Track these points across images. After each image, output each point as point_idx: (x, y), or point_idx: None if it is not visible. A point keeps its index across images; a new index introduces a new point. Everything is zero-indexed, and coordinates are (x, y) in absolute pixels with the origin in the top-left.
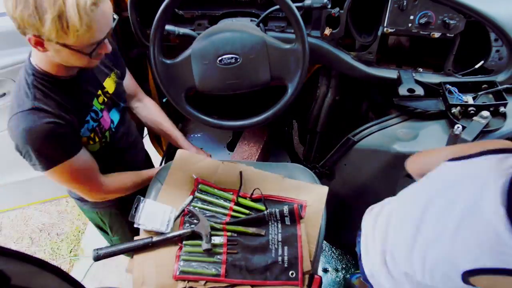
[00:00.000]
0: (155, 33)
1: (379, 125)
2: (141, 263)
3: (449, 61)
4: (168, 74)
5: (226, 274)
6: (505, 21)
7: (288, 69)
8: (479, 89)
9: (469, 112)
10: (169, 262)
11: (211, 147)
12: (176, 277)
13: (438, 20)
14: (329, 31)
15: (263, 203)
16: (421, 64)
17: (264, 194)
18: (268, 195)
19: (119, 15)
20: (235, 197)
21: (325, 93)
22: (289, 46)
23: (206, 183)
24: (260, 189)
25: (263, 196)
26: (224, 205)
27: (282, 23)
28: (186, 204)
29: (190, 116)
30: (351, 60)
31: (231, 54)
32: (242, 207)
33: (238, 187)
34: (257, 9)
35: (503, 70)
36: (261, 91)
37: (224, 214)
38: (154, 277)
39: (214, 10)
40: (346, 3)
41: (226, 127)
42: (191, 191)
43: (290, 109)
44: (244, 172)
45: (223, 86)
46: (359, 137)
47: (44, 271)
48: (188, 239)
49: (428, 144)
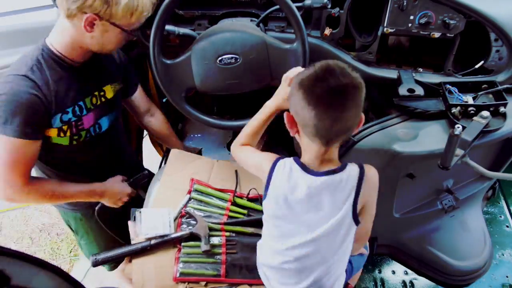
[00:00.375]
0: (155, 33)
1: (379, 125)
2: (140, 266)
3: (449, 61)
4: (168, 74)
5: (226, 274)
6: (505, 21)
7: (288, 69)
8: (479, 89)
9: (469, 112)
10: (168, 264)
11: (211, 147)
12: (176, 279)
13: (438, 20)
14: (329, 31)
15: (260, 203)
16: (421, 64)
17: (261, 193)
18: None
19: None
20: (232, 197)
21: None
22: (289, 46)
23: (202, 183)
24: (257, 189)
25: (260, 196)
26: (221, 205)
27: (282, 23)
28: (183, 204)
29: (190, 116)
30: (351, 60)
31: (231, 54)
32: (239, 207)
33: (234, 186)
34: (257, 9)
35: (503, 70)
36: (261, 91)
37: (221, 215)
38: (154, 279)
39: (214, 10)
40: (346, 3)
41: (226, 127)
42: (187, 191)
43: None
44: (240, 171)
45: (223, 86)
46: (359, 137)
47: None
48: (187, 240)
49: (428, 144)
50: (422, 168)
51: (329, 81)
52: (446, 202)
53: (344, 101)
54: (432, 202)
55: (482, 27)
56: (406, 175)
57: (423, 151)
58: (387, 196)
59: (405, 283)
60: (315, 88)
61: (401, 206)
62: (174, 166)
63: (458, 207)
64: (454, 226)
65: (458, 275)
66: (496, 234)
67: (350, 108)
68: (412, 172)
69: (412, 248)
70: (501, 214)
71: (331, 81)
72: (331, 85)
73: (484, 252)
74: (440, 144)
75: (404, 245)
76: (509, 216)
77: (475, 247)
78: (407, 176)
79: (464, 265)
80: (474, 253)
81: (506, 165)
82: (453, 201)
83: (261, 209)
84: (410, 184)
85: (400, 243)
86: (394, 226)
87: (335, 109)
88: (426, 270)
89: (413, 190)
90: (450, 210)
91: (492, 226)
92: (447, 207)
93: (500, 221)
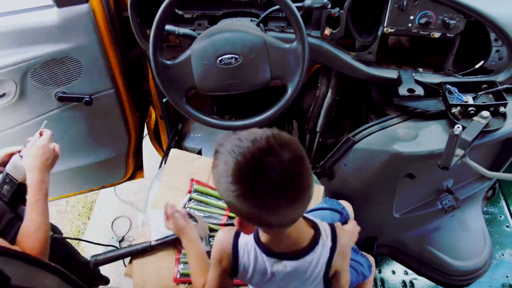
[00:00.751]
0: (155, 33)
1: (379, 125)
2: (141, 267)
3: (449, 61)
4: (168, 75)
5: None
6: (505, 21)
7: (288, 69)
8: (479, 89)
9: (469, 112)
10: (169, 265)
11: (211, 147)
12: (176, 280)
13: (438, 20)
14: (329, 31)
15: None
16: (421, 64)
17: None
18: None
19: (119, 15)
20: None
21: (325, 93)
22: (289, 45)
23: (201, 184)
24: None
25: None
26: (221, 205)
27: (282, 23)
28: (183, 204)
29: (190, 116)
30: (351, 60)
31: (231, 54)
32: None
33: None
34: (257, 9)
35: (503, 70)
36: (261, 91)
37: (222, 215)
38: (154, 280)
39: (214, 10)
40: (346, 3)
41: (226, 127)
42: (187, 191)
43: (290, 109)
44: None
45: (223, 86)
46: (359, 137)
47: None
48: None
49: (428, 144)
50: (422, 168)
51: (268, 164)
52: (446, 202)
53: (290, 183)
54: (432, 202)
55: (482, 27)
56: (406, 175)
57: (423, 151)
58: (387, 196)
59: (405, 283)
60: (251, 179)
61: (401, 206)
62: (174, 166)
63: (458, 207)
64: (454, 226)
65: (458, 275)
66: (496, 234)
67: (299, 191)
68: (412, 172)
69: (412, 248)
70: (501, 214)
71: (270, 163)
72: (272, 170)
73: (484, 252)
74: (440, 144)
75: (404, 245)
76: (509, 216)
77: (475, 247)
78: (407, 176)
79: (464, 265)
80: (474, 253)
81: (506, 165)
82: (453, 201)
83: None
84: (410, 184)
85: (400, 243)
86: (394, 226)
87: (281, 197)
88: (426, 270)
89: (413, 190)
90: (450, 210)
91: (492, 226)
92: (447, 207)
93: (500, 221)
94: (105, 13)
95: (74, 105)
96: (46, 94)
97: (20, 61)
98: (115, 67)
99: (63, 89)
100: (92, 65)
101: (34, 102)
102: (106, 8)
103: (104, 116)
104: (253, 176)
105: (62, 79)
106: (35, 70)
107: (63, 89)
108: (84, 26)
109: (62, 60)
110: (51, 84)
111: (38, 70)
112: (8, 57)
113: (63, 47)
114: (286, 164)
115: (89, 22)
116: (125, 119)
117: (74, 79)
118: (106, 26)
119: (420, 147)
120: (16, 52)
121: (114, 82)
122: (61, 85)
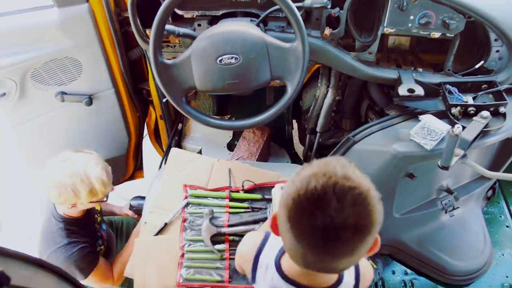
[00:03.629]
0: (155, 33)
1: (379, 125)
2: (142, 266)
3: (449, 61)
4: (168, 75)
5: (230, 279)
6: (505, 21)
7: (288, 68)
8: (479, 89)
9: (469, 112)
10: (171, 264)
11: (211, 147)
12: (179, 284)
13: (438, 20)
14: (329, 31)
15: (258, 192)
16: (421, 64)
17: (258, 183)
18: (261, 183)
19: (119, 15)
20: (228, 193)
21: (325, 93)
22: (289, 45)
23: (195, 187)
24: (249, 180)
25: (256, 185)
26: (220, 204)
27: (282, 23)
28: (180, 208)
29: (190, 116)
30: (351, 60)
31: (231, 54)
32: (237, 202)
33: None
34: (257, 9)
35: (503, 70)
36: (261, 91)
37: (222, 213)
38: (156, 279)
39: (214, 10)
40: (346, 3)
41: (226, 127)
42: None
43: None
44: (237, 169)
45: (223, 86)
46: (359, 137)
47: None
48: (190, 244)
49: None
50: (422, 168)
51: (317, 217)
52: (446, 202)
53: (335, 247)
54: (432, 202)
55: (482, 27)
56: (406, 175)
57: (423, 151)
58: (387, 196)
59: (405, 283)
60: (299, 218)
61: (401, 206)
62: (174, 166)
63: (458, 207)
64: (454, 226)
65: (458, 275)
66: (496, 234)
67: (344, 256)
68: (412, 172)
69: (412, 248)
70: (501, 214)
71: (319, 219)
72: (317, 224)
73: (484, 252)
74: (440, 144)
75: (404, 245)
76: (509, 216)
77: (475, 247)
78: (407, 176)
79: (464, 265)
80: (474, 253)
81: (506, 165)
82: (453, 201)
83: (260, 198)
84: (410, 184)
85: (400, 243)
86: (394, 226)
87: (321, 252)
88: (426, 270)
89: (413, 190)
90: (450, 210)
91: (492, 226)
92: (447, 207)
93: (500, 221)
94: (105, 13)
95: (74, 105)
96: (46, 94)
97: (20, 61)
98: (115, 67)
99: (63, 89)
100: (92, 65)
101: (34, 101)
102: (106, 8)
103: (104, 116)
104: (297, 215)
105: (62, 79)
106: (35, 70)
107: (63, 89)
108: (84, 26)
109: (62, 60)
110: (51, 84)
111: (38, 70)
112: (8, 57)
113: (63, 47)
114: (331, 227)
115: (89, 22)
116: (125, 119)
117: (74, 79)
118: (106, 26)
119: (420, 147)
120: (16, 52)
121: (114, 82)
122: (61, 85)
